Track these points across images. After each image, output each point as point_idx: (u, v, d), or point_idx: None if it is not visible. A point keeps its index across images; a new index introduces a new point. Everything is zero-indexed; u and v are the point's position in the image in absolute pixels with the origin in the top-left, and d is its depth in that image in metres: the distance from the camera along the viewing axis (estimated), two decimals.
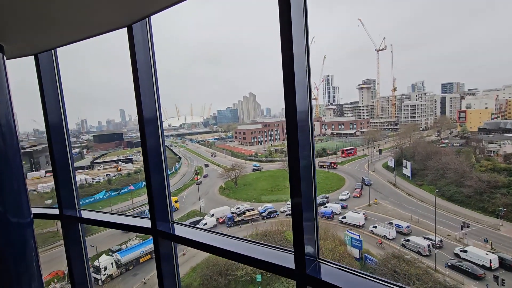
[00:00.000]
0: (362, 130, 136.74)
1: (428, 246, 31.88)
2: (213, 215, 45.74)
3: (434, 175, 55.23)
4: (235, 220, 44.33)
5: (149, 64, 3.52)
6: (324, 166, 72.73)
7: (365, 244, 32.43)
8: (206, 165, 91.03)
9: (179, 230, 3.76)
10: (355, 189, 56.23)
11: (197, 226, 39.15)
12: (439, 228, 34.58)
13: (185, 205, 54.97)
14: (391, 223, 38.80)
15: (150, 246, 35.81)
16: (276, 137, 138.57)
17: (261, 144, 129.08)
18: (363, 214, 42.62)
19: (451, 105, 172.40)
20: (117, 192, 61.58)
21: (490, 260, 28.33)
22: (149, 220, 3.93)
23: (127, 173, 71.76)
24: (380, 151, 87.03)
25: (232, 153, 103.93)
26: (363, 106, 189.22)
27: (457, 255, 30.81)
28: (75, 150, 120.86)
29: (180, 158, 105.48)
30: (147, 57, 3.48)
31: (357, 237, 30.93)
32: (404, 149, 75.72)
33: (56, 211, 4.08)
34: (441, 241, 33.56)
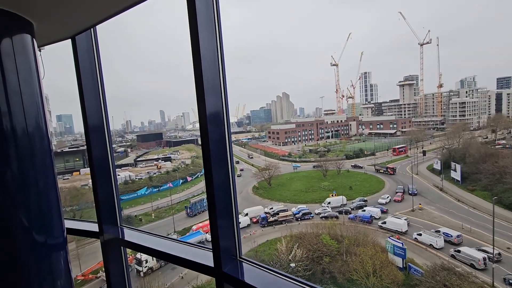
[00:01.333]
0: (403, 129, 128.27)
1: (484, 259, 28.65)
2: (246, 214, 46.06)
3: (489, 180, 49.68)
4: (268, 221, 44.17)
5: (94, 71, 3.32)
6: (381, 171, 67.10)
7: (409, 252, 30.16)
8: (238, 162, 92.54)
9: (128, 235, 3.49)
10: (396, 192, 52.81)
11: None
12: (497, 239, 30.91)
13: None
14: (439, 231, 35.64)
15: (188, 241, 36.95)
16: (310, 137, 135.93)
17: (294, 144, 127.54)
18: (406, 220, 39.79)
19: (509, 102, 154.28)
20: (157, 189, 64.99)
21: None
22: (96, 225, 3.56)
23: (166, 171, 75.37)
24: (424, 152, 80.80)
25: (265, 153, 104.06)
26: (405, 104, 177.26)
27: None
28: (120, 149, 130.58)
29: None
30: (92, 65, 3.31)
31: (400, 245, 28.82)
32: (452, 150, 69.35)
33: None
34: (499, 254, 29.99)
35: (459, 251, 30.68)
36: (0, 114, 1.75)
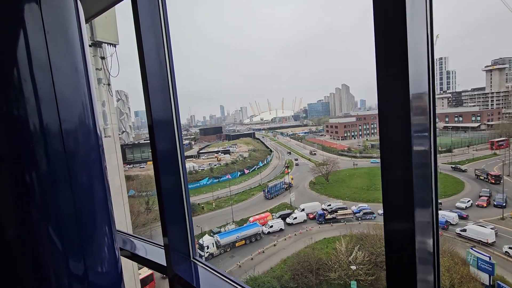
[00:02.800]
0: (490, 122, 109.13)
1: None
2: (303, 209, 45.34)
3: None
4: (326, 218, 42.69)
5: (160, 50, 2.52)
6: (481, 178, 54.03)
7: (498, 268, 25.63)
8: (290, 153, 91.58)
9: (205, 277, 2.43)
10: (480, 196, 45.38)
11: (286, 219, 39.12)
12: None
13: (275, 196, 56.52)
14: None
15: (245, 232, 38.43)
16: (372, 131, 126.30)
17: (355, 138, 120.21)
18: (493, 229, 33.92)
19: None
20: (217, 180, 68.78)
21: None
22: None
23: (225, 163, 79.15)
24: None
25: (323, 147, 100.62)
26: (492, 92, 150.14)
27: None
28: (185, 142, 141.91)
29: (271, 151, 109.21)
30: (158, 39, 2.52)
31: (487, 259, 24.60)
32: None
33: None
34: None
35: None
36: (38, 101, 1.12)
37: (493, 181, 50.16)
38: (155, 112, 3.07)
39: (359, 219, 42.22)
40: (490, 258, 24.91)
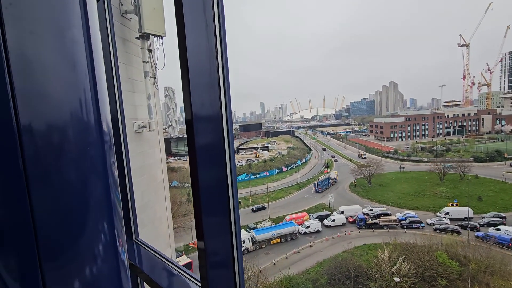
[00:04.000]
0: None
1: None
2: (342, 212, 43.47)
3: None
4: (367, 223, 40.36)
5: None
6: None
7: None
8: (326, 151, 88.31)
9: None
10: None
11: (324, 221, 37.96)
12: None
13: (313, 197, 55.16)
14: None
15: (281, 230, 38.13)
16: (423, 133, 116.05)
17: (402, 140, 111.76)
18: None
19: None
20: (255, 176, 69.37)
21: None
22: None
23: (263, 160, 79.43)
24: None
25: (366, 148, 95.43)
26: None
27: None
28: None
29: (310, 149, 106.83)
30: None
31: None
32: None
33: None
34: None
35: None
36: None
37: None
38: (196, 107, 2.80)
39: (405, 227, 39.14)
40: None
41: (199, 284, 2.20)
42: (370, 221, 40.55)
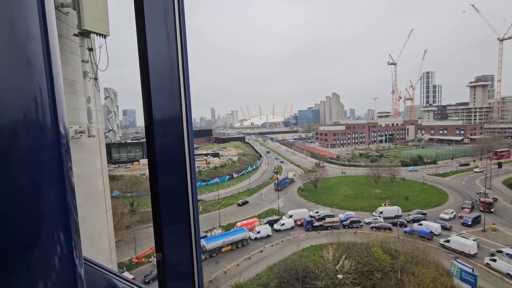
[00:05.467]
0: (473, 136, 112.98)
1: None
2: (291, 216, 45.13)
3: None
4: (313, 225, 42.59)
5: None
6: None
7: (480, 280, 26.06)
8: (282, 162, 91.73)
9: None
10: (463, 208, 46.56)
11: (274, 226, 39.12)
12: None
13: (264, 202, 56.17)
14: (501, 252, 31.63)
15: (232, 237, 37.80)
16: (361, 140, 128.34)
17: (343, 146, 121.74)
18: (475, 240, 34.68)
19: None
20: (206, 183, 67.81)
21: None
22: None
23: (214, 166, 78.23)
24: (500, 164, 69.84)
25: (312, 154, 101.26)
26: (476, 108, 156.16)
27: None
28: None
29: (260, 156, 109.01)
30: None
31: (470, 270, 24.96)
32: None
33: None
34: None
35: None
36: None
37: (482, 209, 43.16)
38: (156, 111, 2.66)
39: (346, 227, 42.35)
40: (473, 270, 25.31)
41: None
42: (316, 223, 42.87)
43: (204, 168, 76.47)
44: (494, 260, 30.12)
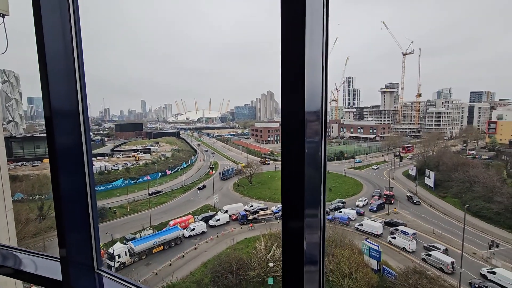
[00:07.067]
0: (383, 135, 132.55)
1: (452, 263, 30.00)
2: (226, 211, 45.45)
3: (459, 188, 52.30)
4: (248, 218, 43.83)
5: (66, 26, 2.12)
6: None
7: (383, 255, 30.97)
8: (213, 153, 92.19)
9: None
10: (373, 196, 54.33)
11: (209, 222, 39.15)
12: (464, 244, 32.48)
13: (199, 199, 55.13)
14: (397, 229, 38.81)
15: (164, 237, 36.01)
16: None
17: (277, 143, 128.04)
18: (381, 223, 40.95)
19: (480, 115, 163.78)
20: (134, 181, 62.76)
21: None
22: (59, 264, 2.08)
23: (144, 163, 72.96)
24: (401, 158, 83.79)
25: (247, 150, 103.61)
26: (385, 110, 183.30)
27: (484, 276, 28.78)
28: (96, 137, 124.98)
29: (196, 151, 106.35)
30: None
31: (376, 248, 29.50)
32: (427, 157, 72.42)
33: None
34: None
35: (430, 255, 31.91)
36: None
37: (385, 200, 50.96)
38: (55, 100, 2.35)
39: (278, 218, 44.84)
40: (378, 247, 29.92)
41: None
42: (251, 217, 44.23)
43: (133, 165, 70.63)
44: (394, 238, 36.17)
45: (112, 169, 65.22)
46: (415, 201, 51.51)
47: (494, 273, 28.20)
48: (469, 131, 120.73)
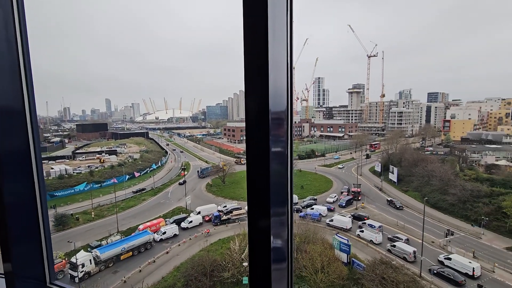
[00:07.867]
0: (351, 133, 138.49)
1: (414, 252, 32.17)
2: (199, 212, 44.56)
3: (419, 182, 56.28)
4: (222, 219, 43.38)
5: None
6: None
7: (353, 248, 32.35)
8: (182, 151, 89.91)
9: None
10: (342, 192, 56.53)
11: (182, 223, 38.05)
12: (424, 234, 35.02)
13: (170, 201, 53.50)
14: (364, 223, 41.05)
15: (132, 242, 34.43)
16: None
17: None
18: (350, 217, 42.74)
19: (436, 114, 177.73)
20: (99, 185, 59.25)
21: (474, 268, 28.84)
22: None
23: (110, 165, 69.15)
24: (368, 156, 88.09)
25: (220, 150, 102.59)
26: (352, 110, 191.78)
27: (441, 262, 31.23)
28: (55, 139, 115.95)
29: (166, 152, 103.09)
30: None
31: (346, 241, 30.74)
32: (390, 154, 76.96)
33: None
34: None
35: (394, 246, 33.93)
36: None
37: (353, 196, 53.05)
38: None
39: None
40: (347, 241, 31.18)
41: None
42: (224, 217, 43.81)
43: (97, 167, 66.61)
44: (362, 231, 37.94)
45: (73, 172, 60.96)
46: (397, 206, 48.64)
47: (450, 259, 30.76)
48: (427, 129, 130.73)
